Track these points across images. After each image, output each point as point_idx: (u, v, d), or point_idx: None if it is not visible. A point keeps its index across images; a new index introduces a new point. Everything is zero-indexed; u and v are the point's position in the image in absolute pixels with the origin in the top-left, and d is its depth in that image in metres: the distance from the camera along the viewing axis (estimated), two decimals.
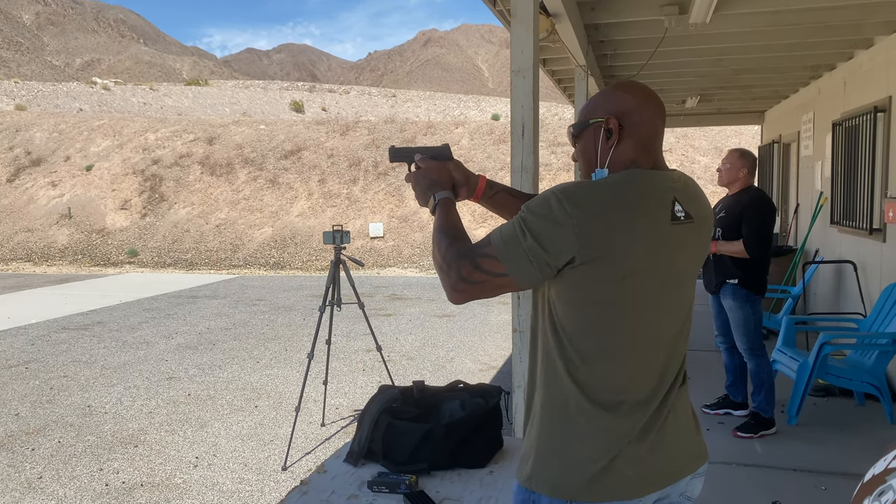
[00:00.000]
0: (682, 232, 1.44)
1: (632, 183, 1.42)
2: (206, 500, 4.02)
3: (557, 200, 1.33)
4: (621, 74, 7.14)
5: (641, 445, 1.42)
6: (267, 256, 17.08)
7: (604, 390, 1.41)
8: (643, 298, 1.40)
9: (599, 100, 1.53)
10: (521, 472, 1.47)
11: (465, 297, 1.41)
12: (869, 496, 0.67)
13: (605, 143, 1.50)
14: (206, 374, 6.78)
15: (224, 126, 23.46)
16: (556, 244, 1.33)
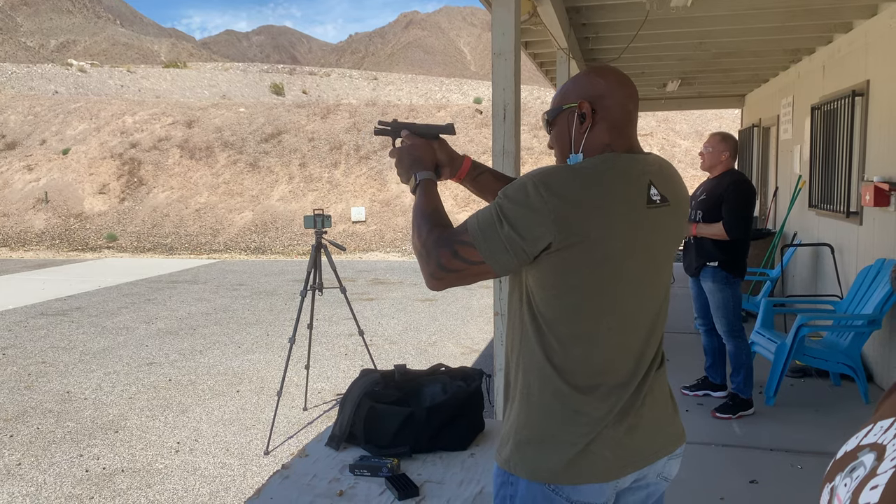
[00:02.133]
0: (658, 215, 1.45)
1: (607, 167, 1.42)
2: (188, 485, 4.01)
3: (534, 186, 1.34)
4: (603, 58, 7.14)
5: (619, 428, 1.43)
6: (248, 241, 16.97)
7: (582, 374, 1.41)
8: (620, 282, 1.41)
9: (571, 85, 1.53)
10: (501, 454, 1.48)
11: (443, 285, 1.42)
12: (841, 472, 0.67)
13: (578, 128, 1.50)
14: (186, 359, 6.75)
15: (203, 109, 23.19)
16: (532, 231, 1.33)
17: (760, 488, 3.47)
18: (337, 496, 1.86)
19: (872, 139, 5.20)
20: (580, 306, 1.40)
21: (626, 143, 1.51)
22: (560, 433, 1.41)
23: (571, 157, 1.51)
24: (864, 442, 0.67)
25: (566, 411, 1.41)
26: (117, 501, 3.84)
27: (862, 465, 0.64)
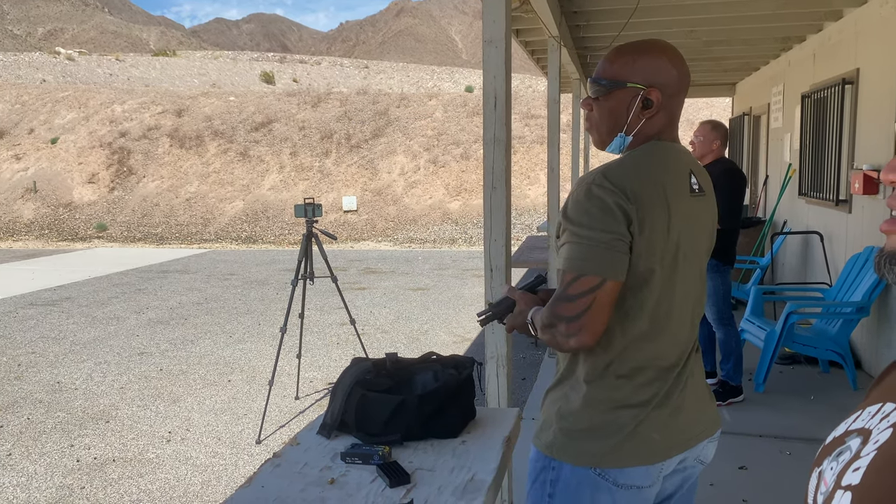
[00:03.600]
0: (697, 205, 1.48)
1: (661, 157, 1.44)
2: (180, 475, 4.01)
3: (597, 185, 1.35)
4: (594, 45, 7.13)
5: (665, 409, 1.45)
6: (238, 230, 16.91)
7: (633, 360, 1.44)
8: (675, 271, 1.44)
9: (640, 61, 1.45)
10: (541, 438, 1.48)
11: (589, 333, 1.36)
12: (829, 457, 0.68)
13: (639, 112, 1.46)
14: (178, 348, 6.73)
15: (193, 98, 23.04)
16: (618, 225, 1.34)
17: (750, 474, 3.50)
18: (328, 484, 1.86)
19: (862, 127, 5.22)
20: (640, 296, 1.41)
21: (673, 133, 1.52)
22: (609, 418, 1.42)
23: (619, 137, 1.49)
24: (852, 427, 0.68)
25: (615, 397, 1.43)
26: (108, 491, 3.83)
27: (848, 448, 0.65)
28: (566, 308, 1.36)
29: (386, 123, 20.57)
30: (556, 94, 5.88)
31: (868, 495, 0.58)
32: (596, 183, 1.36)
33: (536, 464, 1.49)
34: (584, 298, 1.34)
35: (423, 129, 20.12)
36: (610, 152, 1.55)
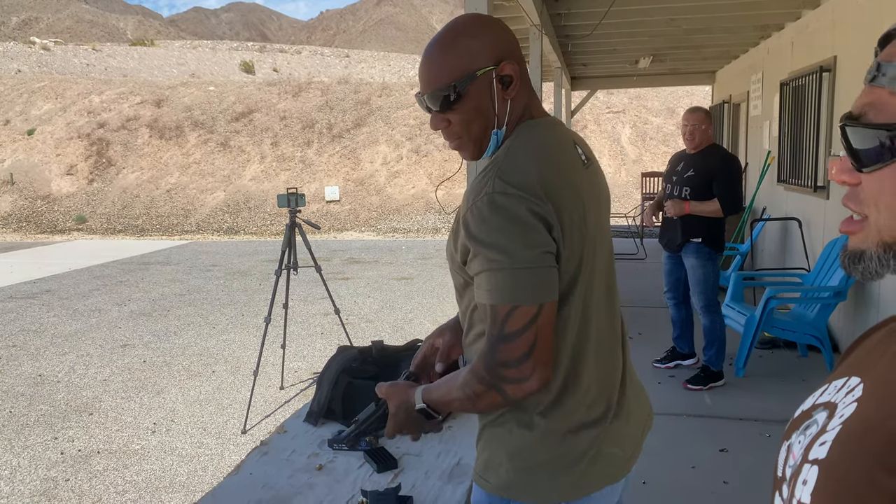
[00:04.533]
0: (591, 178, 1.30)
1: (548, 138, 1.25)
2: (166, 465, 4.01)
3: (503, 195, 1.13)
4: (575, 34, 7.15)
5: (620, 419, 1.32)
6: (220, 221, 16.80)
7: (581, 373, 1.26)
8: (594, 258, 1.26)
9: (474, 42, 1.22)
10: (489, 480, 1.28)
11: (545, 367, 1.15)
12: (797, 430, 0.70)
13: (502, 95, 1.24)
14: (161, 340, 6.70)
15: (172, 88, 22.79)
16: (539, 235, 1.14)
17: (730, 456, 3.56)
18: (316, 470, 1.88)
19: (839, 115, 5.28)
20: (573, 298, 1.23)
21: (539, 105, 1.32)
22: (569, 445, 1.25)
23: (494, 135, 1.27)
24: (819, 401, 0.70)
25: (572, 421, 1.25)
26: (94, 483, 3.83)
27: (815, 422, 0.67)
28: (509, 350, 1.12)
29: (368, 113, 20.48)
30: (538, 83, 5.89)
31: (833, 469, 0.60)
32: (498, 191, 1.14)
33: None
34: (527, 333, 1.12)
35: (406, 119, 20.06)
36: (487, 157, 1.31)
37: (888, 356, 0.66)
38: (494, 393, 1.15)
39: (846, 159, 0.64)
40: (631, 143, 19.17)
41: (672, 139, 18.56)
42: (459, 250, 1.22)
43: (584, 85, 12.01)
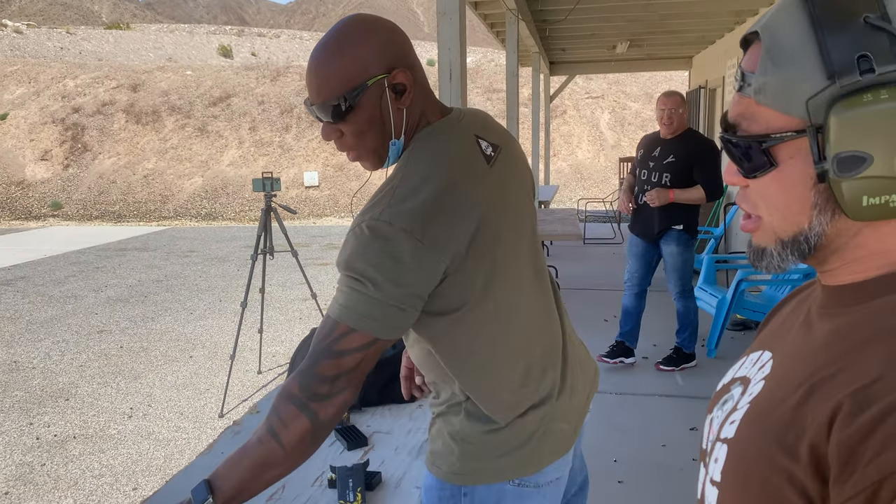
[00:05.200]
0: (500, 170, 1.27)
1: (445, 148, 1.21)
2: (142, 449, 4.02)
3: (388, 226, 1.09)
4: (551, 18, 7.16)
5: (565, 395, 1.35)
6: (198, 207, 16.68)
7: (518, 364, 1.29)
8: (507, 259, 1.25)
9: (362, 49, 1.17)
10: (441, 467, 1.31)
11: (354, 390, 1.15)
12: (717, 405, 0.73)
13: (395, 105, 1.20)
14: (138, 326, 6.68)
15: (149, 72, 22.51)
16: (416, 278, 1.11)
17: (700, 435, 3.64)
18: None
19: None
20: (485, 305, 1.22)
21: (435, 106, 1.27)
22: (517, 428, 1.29)
23: (393, 145, 1.23)
24: (737, 375, 0.73)
25: (517, 406, 1.29)
26: (70, 467, 3.83)
27: (731, 397, 0.70)
28: (329, 366, 1.11)
29: None
30: (515, 68, 5.92)
31: (739, 448, 0.63)
32: (384, 220, 1.10)
33: (442, 492, 1.31)
34: (353, 356, 1.12)
35: None
36: (390, 166, 1.29)
37: (794, 329, 0.68)
38: (304, 417, 1.11)
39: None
40: (610, 128, 19.25)
41: (650, 124, 18.66)
42: None
43: (563, 70, 12.04)
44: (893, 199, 0.57)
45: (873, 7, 0.57)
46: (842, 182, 0.58)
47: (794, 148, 0.61)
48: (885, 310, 0.59)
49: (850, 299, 0.63)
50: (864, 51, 0.56)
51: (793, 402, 0.59)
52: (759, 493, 0.59)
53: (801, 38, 0.59)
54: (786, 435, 0.58)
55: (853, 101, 0.56)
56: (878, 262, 0.62)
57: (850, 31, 0.57)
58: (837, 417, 0.54)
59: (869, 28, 0.56)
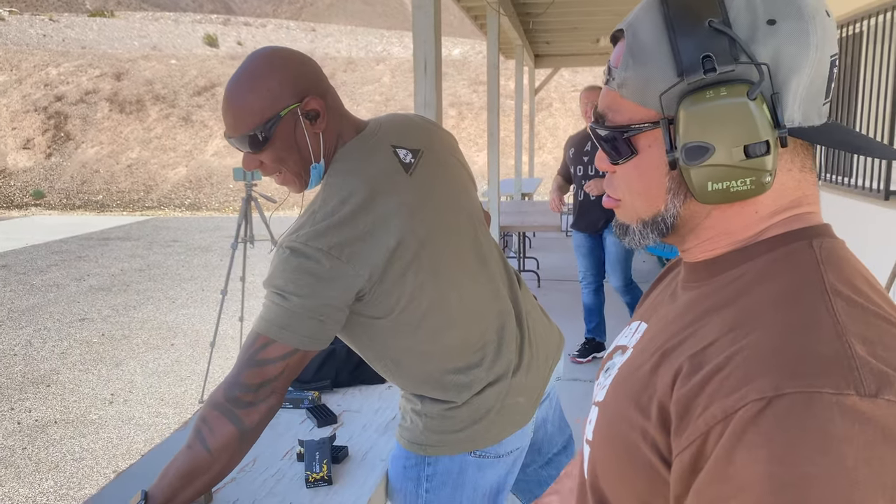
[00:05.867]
0: (422, 173, 1.33)
1: (362, 166, 1.28)
2: (123, 434, 4.08)
3: (306, 246, 1.18)
4: (533, 11, 7.23)
5: (522, 370, 1.43)
6: (182, 197, 16.65)
7: (461, 351, 1.37)
8: (443, 260, 1.33)
9: (272, 82, 1.23)
10: (405, 437, 1.41)
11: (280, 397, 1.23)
12: (602, 371, 0.81)
13: (311, 130, 1.27)
14: (120, 314, 6.71)
15: (133, 61, 22.36)
16: (335, 292, 1.20)
17: None
18: None
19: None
20: (421, 307, 1.30)
21: (351, 122, 1.35)
22: (476, 403, 1.38)
23: (314, 169, 1.30)
24: (619, 343, 0.81)
25: (474, 384, 1.37)
26: (51, 451, 3.88)
27: (614, 364, 0.78)
28: (253, 375, 1.19)
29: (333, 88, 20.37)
30: (496, 60, 5.98)
31: (606, 410, 0.71)
32: (302, 241, 1.19)
33: (407, 461, 1.42)
34: (276, 365, 1.20)
35: (371, 95, 20.01)
36: (315, 187, 1.36)
37: (665, 301, 0.76)
38: (229, 424, 1.18)
39: None
40: None
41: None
42: None
43: (548, 63, 12.11)
44: (733, 184, 0.63)
45: (717, 13, 0.62)
46: (690, 169, 0.64)
47: (652, 138, 0.67)
48: (725, 283, 0.66)
49: (704, 274, 0.69)
50: (708, 52, 0.61)
51: (648, 367, 0.66)
52: (621, 449, 0.66)
53: (657, 38, 0.64)
54: (641, 396, 0.65)
55: (698, 97, 0.62)
56: (725, 241, 0.68)
57: (696, 34, 0.62)
58: (678, 378, 0.61)
59: (712, 31, 0.62)
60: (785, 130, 0.62)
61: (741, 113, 0.61)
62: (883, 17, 3.98)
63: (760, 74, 0.61)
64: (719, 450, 0.55)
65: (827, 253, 0.64)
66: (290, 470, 1.72)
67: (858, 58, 4.45)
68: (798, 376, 0.54)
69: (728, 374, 0.57)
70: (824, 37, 0.63)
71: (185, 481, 1.19)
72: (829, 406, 0.52)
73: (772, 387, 0.54)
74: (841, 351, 0.55)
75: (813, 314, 0.58)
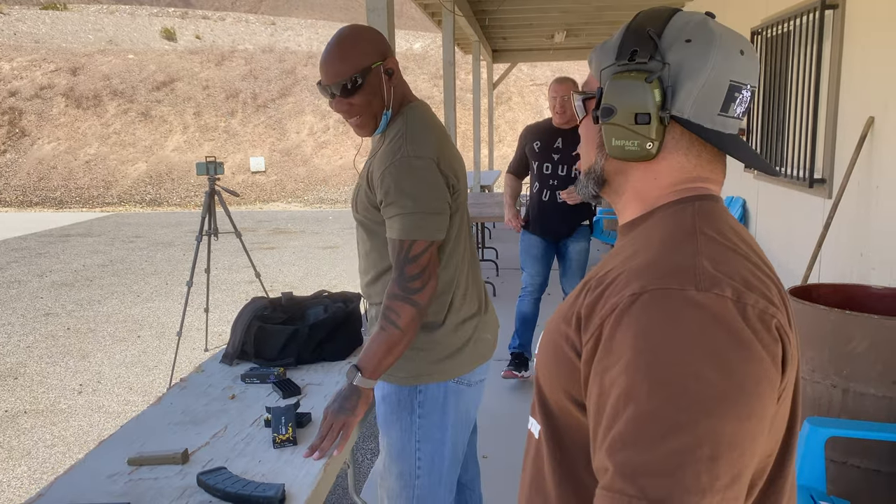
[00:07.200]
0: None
1: (432, 117, 1.73)
2: (93, 421, 4.20)
3: (418, 159, 1.60)
4: (487, 9, 7.44)
5: (488, 311, 1.87)
6: (143, 193, 16.54)
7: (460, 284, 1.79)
8: (465, 203, 1.80)
9: (362, 45, 1.64)
10: (398, 375, 1.77)
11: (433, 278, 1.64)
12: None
13: (388, 84, 1.67)
14: (84, 309, 6.77)
15: (89, 55, 22.02)
16: (443, 191, 1.63)
17: None
18: (229, 399, 2.16)
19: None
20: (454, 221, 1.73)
21: (409, 89, 1.77)
22: (460, 335, 1.77)
23: (385, 115, 1.69)
24: None
25: (460, 317, 1.78)
26: (22, 439, 3.99)
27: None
28: (412, 268, 1.60)
29: (293, 82, 20.33)
30: (452, 58, 6.18)
31: (547, 329, 0.94)
32: (411, 155, 1.60)
33: (400, 394, 1.78)
34: (424, 256, 1.61)
35: None
36: (379, 133, 1.75)
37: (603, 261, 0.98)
38: (408, 305, 1.60)
39: None
40: None
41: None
42: (371, 199, 1.69)
43: (506, 58, 12.35)
44: (627, 144, 0.87)
45: (657, 25, 0.86)
46: (603, 126, 0.88)
47: (594, 102, 0.92)
48: (633, 236, 0.89)
49: (625, 230, 0.93)
50: (637, 47, 0.86)
51: (576, 292, 0.89)
52: (552, 351, 0.88)
53: (617, 36, 0.90)
54: (568, 312, 0.87)
55: (618, 75, 0.87)
56: (639, 205, 0.91)
57: (637, 36, 0.87)
58: (587, 293, 0.83)
59: (647, 36, 0.86)
60: (667, 112, 0.84)
61: (638, 89, 0.84)
62: (807, 17, 4.28)
63: (661, 68, 0.84)
64: (606, 333, 0.76)
65: (701, 210, 0.86)
66: (258, 434, 1.91)
67: (787, 55, 4.75)
68: (658, 278, 0.76)
69: (617, 283, 0.79)
70: (725, 63, 0.84)
71: (385, 352, 1.62)
72: (676, 297, 0.74)
73: (640, 286, 0.76)
74: (691, 263, 0.77)
75: (681, 244, 0.80)
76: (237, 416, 2.03)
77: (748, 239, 0.87)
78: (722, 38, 0.85)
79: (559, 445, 0.88)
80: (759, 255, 0.84)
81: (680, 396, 0.69)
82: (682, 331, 0.71)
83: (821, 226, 3.65)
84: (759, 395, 0.71)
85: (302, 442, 1.83)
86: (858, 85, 3.56)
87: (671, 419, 0.68)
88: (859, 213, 3.51)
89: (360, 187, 1.77)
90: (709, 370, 0.69)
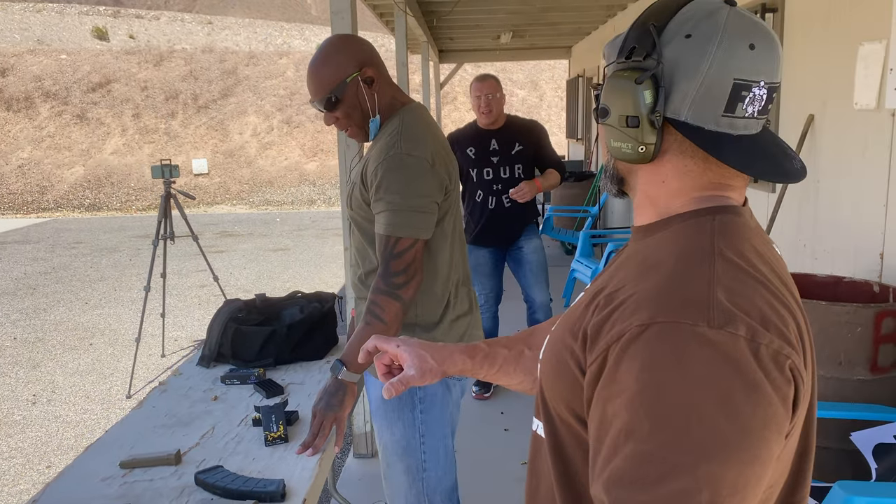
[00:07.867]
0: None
1: (427, 118, 1.79)
2: (51, 432, 4.11)
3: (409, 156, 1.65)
4: (438, 10, 7.51)
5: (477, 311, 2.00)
6: (81, 198, 16.05)
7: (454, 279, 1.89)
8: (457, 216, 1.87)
9: (341, 57, 1.70)
10: None
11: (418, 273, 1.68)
12: None
13: (369, 92, 1.71)
14: (30, 317, 6.58)
15: (18, 56, 21.21)
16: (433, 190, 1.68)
17: None
18: (212, 400, 2.18)
19: None
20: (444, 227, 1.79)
21: (402, 92, 1.82)
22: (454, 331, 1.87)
23: (372, 122, 1.75)
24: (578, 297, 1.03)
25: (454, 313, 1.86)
26: None
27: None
28: (397, 264, 1.65)
29: (235, 83, 20.01)
30: (404, 58, 6.23)
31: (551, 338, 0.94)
32: (405, 152, 1.65)
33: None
34: (409, 253, 1.66)
35: (275, 89, 19.80)
36: (373, 139, 1.81)
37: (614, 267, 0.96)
38: (392, 300, 1.65)
39: None
40: None
41: (535, 111, 19.44)
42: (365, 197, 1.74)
43: (452, 58, 12.44)
44: (622, 146, 0.81)
45: (661, 20, 0.79)
46: (603, 126, 0.84)
47: None
48: (648, 244, 0.84)
49: (639, 236, 0.87)
50: (636, 45, 0.80)
51: (583, 304, 0.84)
52: (556, 364, 0.85)
53: (626, 31, 0.84)
54: (575, 325, 0.82)
55: (615, 74, 0.81)
56: (652, 210, 0.86)
57: (639, 32, 0.80)
58: (596, 310, 0.79)
59: (647, 32, 0.79)
60: (658, 115, 0.78)
61: (628, 90, 0.78)
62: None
63: (655, 67, 0.78)
64: (612, 360, 0.72)
65: (722, 225, 0.79)
66: (247, 433, 1.94)
67: None
68: (668, 311, 0.71)
69: (626, 307, 0.74)
70: (727, 60, 0.77)
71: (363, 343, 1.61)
72: (686, 333, 0.69)
73: (649, 317, 0.71)
74: (706, 295, 0.71)
75: (696, 268, 0.75)
76: (223, 417, 2.05)
77: (772, 259, 0.82)
78: (726, 32, 0.77)
79: (560, 456, 0.86)
80: (781, 278, 0.80)
81: (682, 438, 0.66)
82: (689, 369, 0.68)
83: (766, 219, 3.83)
84: (766, 440, 0.68)
85: (293, 439, 1.87)
86: (798, 84, 3.76)
87: (671, 461, 0.65)
88: (802, 206, 3.71)
89: (354, 185, 1.82)
90: (714, 412, 0.66)
